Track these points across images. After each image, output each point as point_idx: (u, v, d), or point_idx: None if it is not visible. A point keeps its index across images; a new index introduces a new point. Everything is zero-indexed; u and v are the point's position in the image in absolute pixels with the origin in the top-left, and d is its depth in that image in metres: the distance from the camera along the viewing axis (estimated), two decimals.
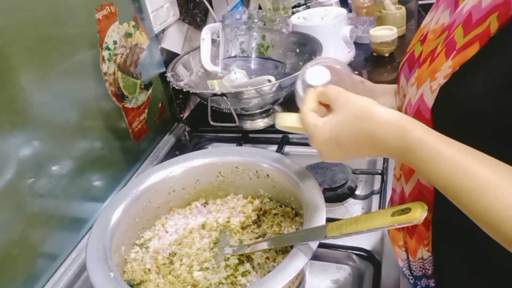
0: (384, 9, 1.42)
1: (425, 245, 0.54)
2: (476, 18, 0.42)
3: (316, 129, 0.49)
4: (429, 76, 0.46)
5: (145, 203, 0.75)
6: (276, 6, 1.53)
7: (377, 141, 0.44)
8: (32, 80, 0.69)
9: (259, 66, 1.10)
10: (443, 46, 0.45)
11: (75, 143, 0.80)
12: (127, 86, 0.93)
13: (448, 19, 0.48)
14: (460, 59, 0.42)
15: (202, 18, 1.31)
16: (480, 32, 0.41)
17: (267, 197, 0.78)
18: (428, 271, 0.56)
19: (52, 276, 0.74)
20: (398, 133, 0.42)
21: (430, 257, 0.55)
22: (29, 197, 0.70)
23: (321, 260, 0.74)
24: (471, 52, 0.41)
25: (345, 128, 0.46)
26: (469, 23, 0.42)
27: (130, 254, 0.71)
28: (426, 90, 0.45)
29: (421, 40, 0.55)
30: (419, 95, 0.47)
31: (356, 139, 0.46)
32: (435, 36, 0.50)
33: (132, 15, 0.95)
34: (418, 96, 0.47)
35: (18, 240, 0.67)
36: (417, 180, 0.51)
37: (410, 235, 0.55)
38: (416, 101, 0.47)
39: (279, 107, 1.14)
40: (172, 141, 1.11)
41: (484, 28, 0.40)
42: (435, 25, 0.51)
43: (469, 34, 0.42)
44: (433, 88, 0.44)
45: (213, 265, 0.67)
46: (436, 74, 0.44)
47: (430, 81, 0.45)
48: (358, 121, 0.45)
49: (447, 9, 0.49)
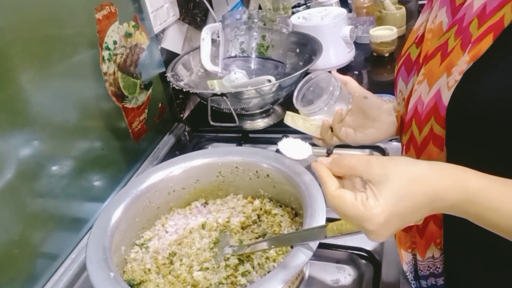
0: (384, 9, 1.42)
1: (437, 244, 0.53)
2: (490, 8, 0.40)
3: (368, 209, 0.40)
4: (445, 71, 0.44)
5: (145, 203, 0.75)
6: (276, 6, 1.53)
7: (438, 201, 0.40)
8: (32, 80, 0.69)
9: (259, 66, 1.10)
10: (458, 40, 0.44)
11: (75, 143, 0.80)
12: (127, 86, 0.93)
13: (445, 17, 0.48)
14: (476, 52, 0.41)
15: (202, 18, 1.31)
16: (494, 22, 0.40)
17: (267, 197, 0.78)
18: (438, 269, 0.56)
19: (52, 276, 0.74)
20: (458, 187, 0.39)
21: (441, 255, 0.54)
22: (29, 197, 0.70)
23: (321, 260, 0.74)
24: (485, 45, 0.40)
25: (404, 197, 0.40)
26: (483, 14, 0.41)
27: (130, 254, 0.71)
28: (443, 86, 0.44)
29: (416, 42, 0.54)
30: (435, 91, 0.45)
31: (417, 204, 0.40)
32: (435, 34, 0.49)
33: (132, 15, 0.95)
34: (435, 92, 0.45)
35: (18, 240, 0.67)
36: None
37: (420, 235, 0.54)
38: (432, 98, 0.45)
39: (279, 107, 1.14)
40: (172, 141, 1.11)
41: (498, 18, 0.39)
42: (431, 25, 0.51)
43: (483, 25, 0.41)
44: (450, 84, 0.43)
45: (213, 265, 0.67)
46: (452, 69, 0.43)
47: (447, 76, 0.43)
48: (414, 184, 0.40)
49: (442, 7, 0.49)
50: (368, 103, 0.65)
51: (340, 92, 0.62)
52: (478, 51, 0.41)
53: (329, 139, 0.67)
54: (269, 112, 1.12)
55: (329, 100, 0.62)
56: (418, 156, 0.51)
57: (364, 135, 0.66)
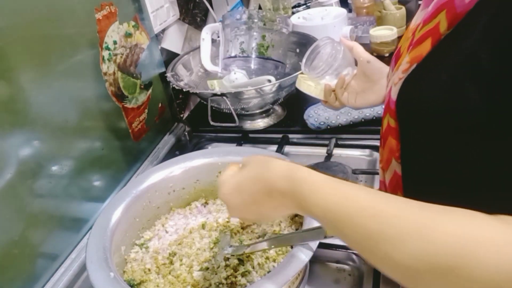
0: (384, 9, 1.42)
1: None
2: (429, 13, 0.43)
3: (224, 181, 0.50)
4: (397, 69, 0.48)
5: (145, 203, 0.75)
6: (276, 6, 1.53)
7: (273, 192, 0.44)
8: (32, 80, 0.69)
9: (259, 66, 1.10)
10: (408, 41, 0.48)
11: (75, 143, 0.80)
12: (127, 86, 0.93)
13: (420, 18, 0.50)
14: (415, 55, 0.44)
15: (202, 18, 1.31)
16: (431, 28, 0.42)
17: None
18: None
19: (52, 276, 0.74)
20: (286, 175, 0.43)
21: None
22: (29, 197, 0.70)
23: (321, 260, 0.74)
24: (424, 49, 0.42)
25: (247, 176, 0.47)
26: (425, 19, 0.44)
27: (130, 254, 0.71)
28: (393, 82, 0.48)
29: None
30: (389, 87, 0.49)
31: (255, 185, 0.46)
32: (408, 34, 0.52)
33: (132, 15, 0.95)
34: (389, 87, 0.49)
35: (18, 240, 0.67)
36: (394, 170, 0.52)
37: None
38: (388, 92, 0.50)
39: (279, 107, 1.14)
40: (172, 141, 1.11)
41: (434, 24, 0.41)
42: (412, 25, 0.53)
43: (423, 29, 0.43)
44: (395, 81, 0.47)
45: (213, 265, 0.67)
46: (399, 68, 0.46)
47: (395, 73, 0.48)
48: (258, 169, 0.46)
49: (424, 8, 0.50)
50: (371, 67, 0.70)
51: (343, 56, 0.68)
52: (418, 54, 0.43)
53: (332, 101, 0.74)
54: (269, 112, 1.12)
55: (332, 63, 0.68)
56: (383, 147, 0.54)
57: (364, 100, 0.71)
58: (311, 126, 1.02)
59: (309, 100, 1.13)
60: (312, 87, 0.75)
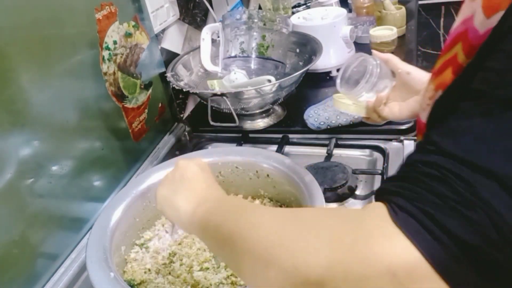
0: (384, 9, 1.42)
1: None
2: (447, 42, 0.41)
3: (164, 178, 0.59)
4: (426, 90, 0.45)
5: (145, 203, 0.75)
6: (276, 6, 1.54)
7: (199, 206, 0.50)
8: (32, 80, 0.69)
9: (259, 66, 1.10)
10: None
11: (75, 143, 0.80)
12: (127, 86, 0.93)
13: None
14: (439, 82, 0.41)
15: (202, 18, 1.31)
16: (450, 57, 0.40)
17: (267, 197, 0.78)
18: None
19: (52, 276, 0.74)
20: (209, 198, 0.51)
21: None
22: (29, 197, 0.70)
23: None
24: (447, 77, 0.40)
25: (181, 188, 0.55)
26: (444, 48, 0.41)
27: (130, 254, 0.71)
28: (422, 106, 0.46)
29: None
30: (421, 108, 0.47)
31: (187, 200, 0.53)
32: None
33: (132, 15, 0.95)
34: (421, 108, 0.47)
35: (18, 240, 0.67)
36: None
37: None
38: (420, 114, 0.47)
39: (279, 107, 1.14)
40: (172, 141, 1.11)
41: (452, 54, 0.39)
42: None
43: (442, 58, 0.41)
44: (423, 107, 0.45)
45: (213, 265, 0.67)
46: (425, 94, 0.44)
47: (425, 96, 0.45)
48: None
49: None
50: (412, 78, 0.66)
51: (380, 70, 0.65)
52: (441, 81, 0.41)
53: (376, 118, 0.71)
54: (269, 112, 1.12)
55: (370, 79, 0.65)
56: None
57: (409, 111, 0.68)
58: (311, 126, 1.02)
59: (309, 100, 1.13)
60: (352, 107, 0.72)
